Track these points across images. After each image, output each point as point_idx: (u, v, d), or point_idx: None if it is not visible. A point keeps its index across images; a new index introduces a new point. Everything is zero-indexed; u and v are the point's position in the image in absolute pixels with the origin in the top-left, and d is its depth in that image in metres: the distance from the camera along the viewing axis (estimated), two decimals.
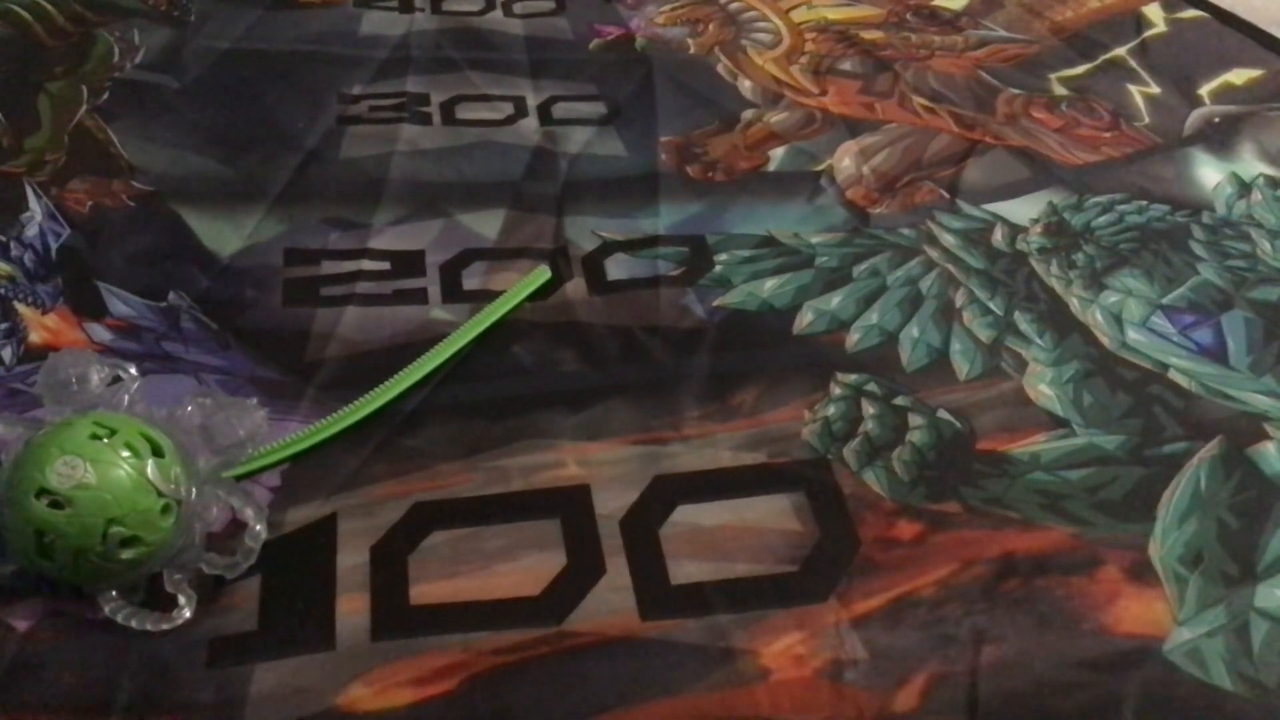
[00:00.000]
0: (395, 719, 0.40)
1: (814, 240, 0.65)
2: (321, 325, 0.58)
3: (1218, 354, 0.58)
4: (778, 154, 0.74)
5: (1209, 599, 0.45)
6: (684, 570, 0.46)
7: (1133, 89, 0.81)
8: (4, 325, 0.55)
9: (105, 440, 0.42)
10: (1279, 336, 0.59)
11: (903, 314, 0.60)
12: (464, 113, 0.77)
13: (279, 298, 0.59)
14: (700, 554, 0.47)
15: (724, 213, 0.68)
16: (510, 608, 0.44)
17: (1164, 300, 0.61)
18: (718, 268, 0.63)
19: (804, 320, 0.59)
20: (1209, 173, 0.72)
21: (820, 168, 0.72)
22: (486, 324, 0.57)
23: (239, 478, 0.47)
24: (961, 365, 0.57)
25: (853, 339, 0.58)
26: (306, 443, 0.50)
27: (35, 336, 0.55)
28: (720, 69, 0.83)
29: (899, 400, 0.54)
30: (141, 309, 0.57)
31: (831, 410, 0.54)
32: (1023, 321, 0.59)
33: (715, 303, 0.60)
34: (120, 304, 0.58)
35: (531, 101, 0.78)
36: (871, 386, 0.55)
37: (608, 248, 0.64)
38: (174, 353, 0.55)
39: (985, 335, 0.58)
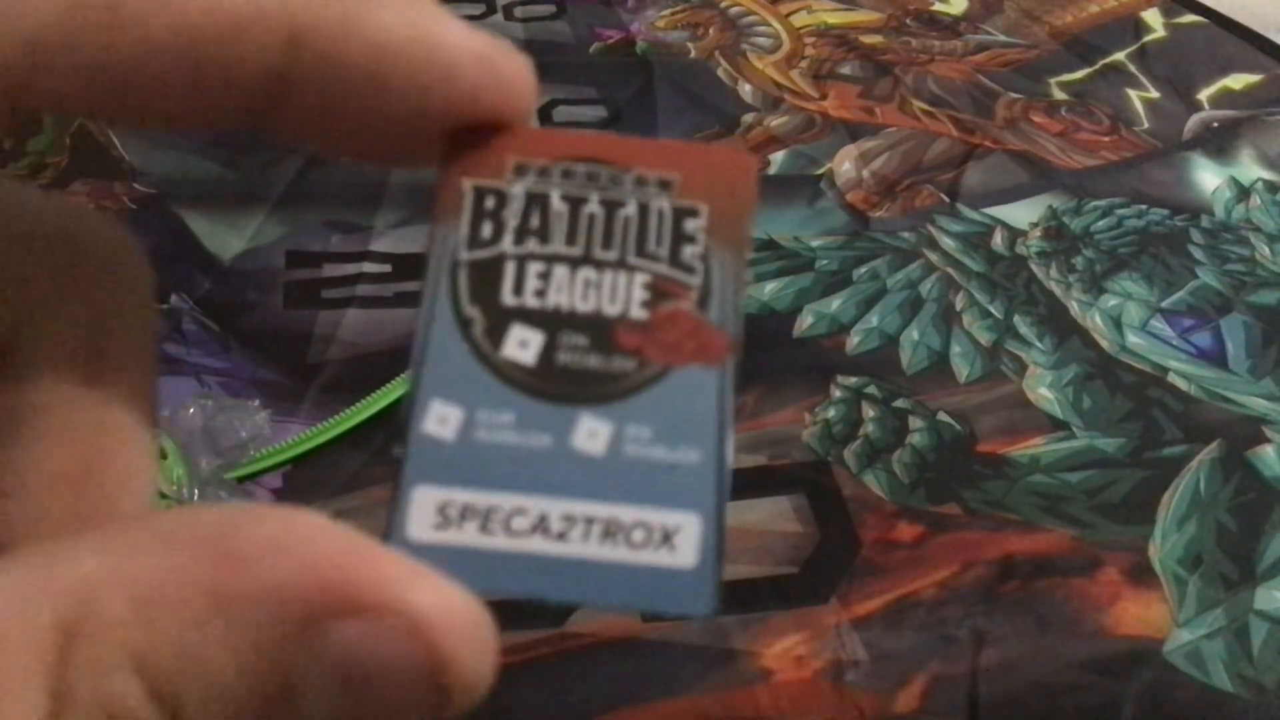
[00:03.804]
0: None
1: (814, 243, 0.65)
2: (323, 327, 0.58)
3: (1217, 357, 0.58)
4: (778, 157, 0.74)
5: (1208, 601, 0.45)
6: None
7: (1132, 93, 0.82)
8: None
9: None
10: (1278, 340, 0.59)
11: (903, 317, 0.60)
12: None
13: (280, 300, 0.60)
14: None
15: None
16: (511, 608, 0.44)
17: (1163, 304, 0.61)
18: None
19: (804, 323, 0.59)
20: (1208, 177, 0.73)
21: (820, 171, 0.72)
22: None
23: (241, 479, 0.47)
24: (961, 368, 0.57)
25: (853, 342, 0.58)
26: (308, 444, 0.50)
27: None
28: (720, 73, 0.83)
29: (899, 403, 0.54)
30: None
31: (832, 413, 0.54)
32: (1023, 324, 0.60)
33: None
34: None
35: None
36: (872, 389, 0.55)
37: None
38: (175, 355, 0.55)
39: (985, 338, 0.59)
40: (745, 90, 0.81)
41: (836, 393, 0.55)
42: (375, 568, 0.13)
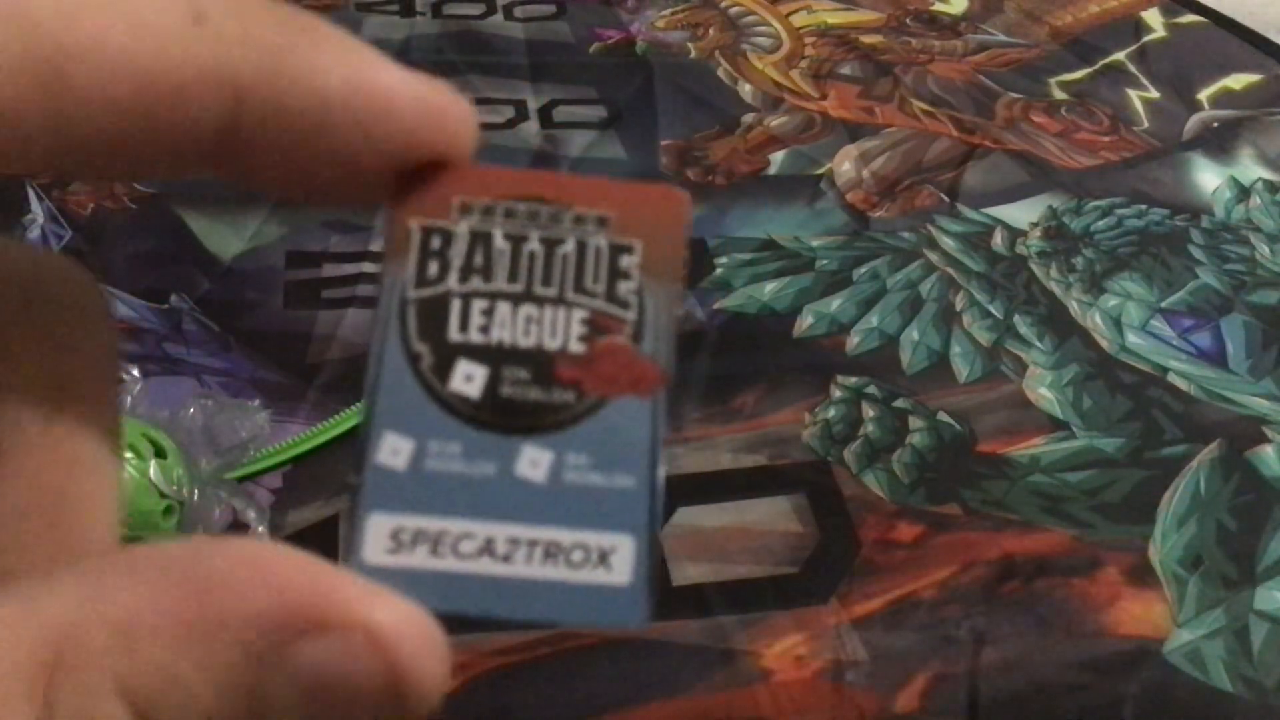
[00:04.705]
0: None
1: (814, 244, 0.65)
2: (323, 327, 0.58)
3: (1217, 357, 0.58)
4: (778, 158, 0.74)
5: (1208, 601, 0.45)
6: (685, 572, 0.46)
7: (1132, 93, 0.82)
8: None
9: None
10: (1278, 340, 0.59)
11: (903, 317, 0.60)
12: None
13: (280, 300, 0.60)
14: (701, 555, 0.47)
15: (724, 216, 0.68)
16: None
17: (1163, 304, 0.61)
18: (718, 271, 0.63)
19: (804, 323, 0.59)
20: (1208, 177, 0.73)
21: (820, 171, 0.72)
22: None
23: (241, 479, 0.47)
24: (961, 368, 0.57)
25: (853, 342, 0.58)
26: (308, 444, 0.50)
27: None
28: (720, 73, 0.83)
29: (899, 403, 0.54)
30: (143, 311, 0.58)
31: (832, 413, 0.54)
32: (1022, 325, 0.60)
33: (715, 306, 0.60)
34: (122, 306, 0.58)
35: (532, 105, 0.78)
36: (872, 389, 0.55)
37: None
38: (176, 354, 0.55)
39: (985, 338, 0.59)
40: (745, 90, 0.81)
41: (836, 393, 0.55)
42: (338, 589, 0.14)
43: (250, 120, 0.14)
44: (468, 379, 0.16)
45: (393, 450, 0.16)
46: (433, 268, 0.16)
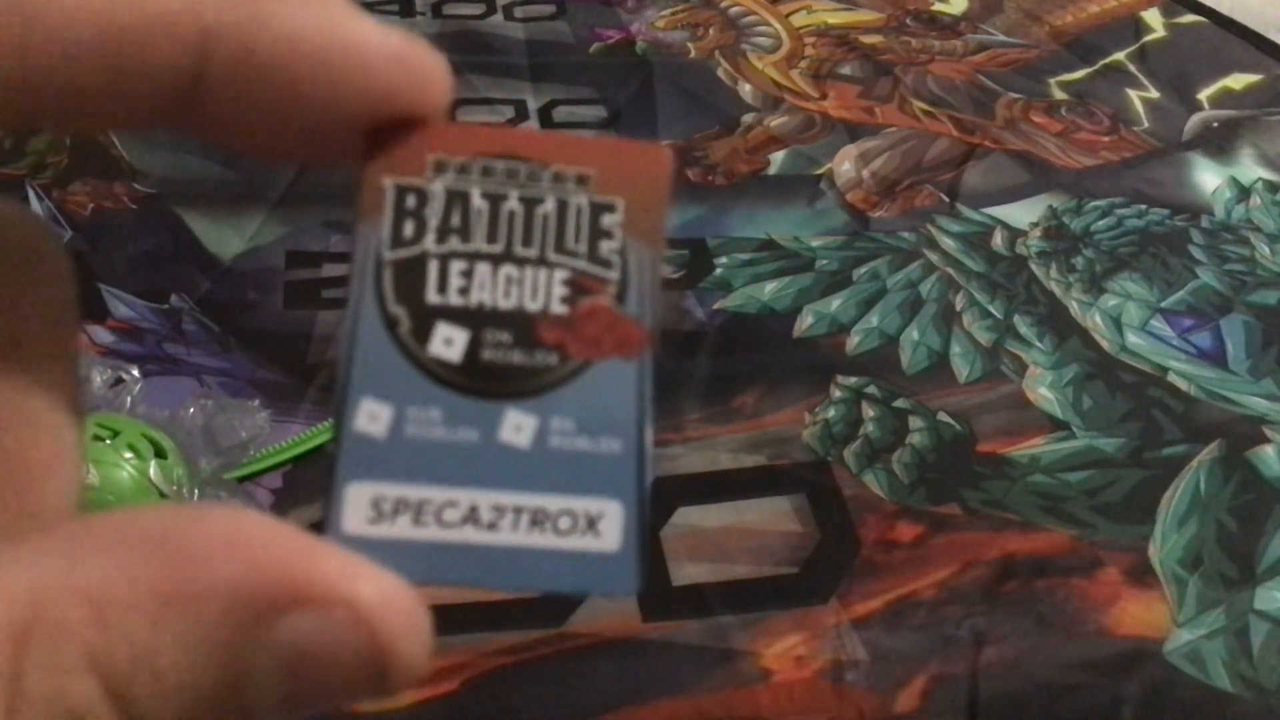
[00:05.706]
0: (397, 719, 0.40)
1: (814, 244, 0.65)
2: (323, 327, 0.58)
3: (1217, 357, 0.58)
4: (778, 158, 0.74)
5: (1208, 601, 0.45)
6: (685, 572, 0.46)
7: (1132, 93, 0.82)
8: None
9: (108, 441, 0.42)
10: (1277, 340, 0.59)
11: (903, 317, 0.60)
12: (465, 116, 0.77)
13: (280, 300, 0.60)
14: (701, 555, 0.47)
15: (724, 216, 0.68)
16: (512, 608, 0.44)
17: (1163, 304, 0.61)
18: (718, 271, 0.63)
19: (804, 323, 0.59)
20: (1208, 177, 0.73)
21: (820, 171, 0.72)
22: None
23: (241, 479, 0.47)
24: (961, 368, 0.57)
25: (853, 342, 0.58)
26: (308, 444, 0.50)
27: None
28: (720, 73, 0.83)
29: (899, 403, 0.54)
30: (143, 311, 0.58)
31: (832, 413, 0.54)
32: (1022, 325, 0.60)
33: (715, 306, 0.60)
34: (122, 306, 0.58)
35: (532, 105, 0.78)
36: (872, 389, 0.55)
37: None
38: (176, 354, 0.55)
39: (985, 338, 0.59)
40: (745, 90, 0.81)
41: (836, 393, 0.55)
42: (319, 563, 0.13)
43: (218, 68, 0.14)
44: (447, 342, 0.16)
45: (371, 417, 0.15)
46: (408, 228, 0.16)
